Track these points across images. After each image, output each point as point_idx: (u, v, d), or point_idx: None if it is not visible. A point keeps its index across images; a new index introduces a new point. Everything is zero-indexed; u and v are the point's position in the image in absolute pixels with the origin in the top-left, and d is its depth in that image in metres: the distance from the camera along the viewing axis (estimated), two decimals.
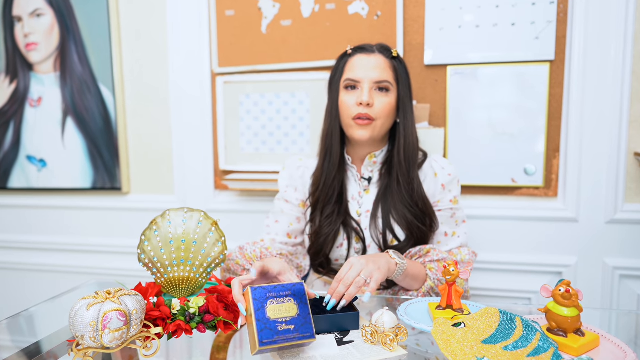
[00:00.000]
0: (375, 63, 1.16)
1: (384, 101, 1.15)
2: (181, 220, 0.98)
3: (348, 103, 1.16)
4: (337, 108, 1.19)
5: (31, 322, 1.07)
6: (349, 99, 1.16)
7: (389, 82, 1.16)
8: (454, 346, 0.76)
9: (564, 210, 1.53)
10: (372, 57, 1.17)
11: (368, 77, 1.15)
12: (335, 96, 1.20)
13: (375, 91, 1.15)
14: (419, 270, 1.09)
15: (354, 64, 1.17)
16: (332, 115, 1.20)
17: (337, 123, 1.20)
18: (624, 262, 1.51)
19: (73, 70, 1.84)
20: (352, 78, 1.16)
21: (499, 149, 1.54)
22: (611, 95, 1.45)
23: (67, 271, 1.97)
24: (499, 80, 1.51)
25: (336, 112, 1.20)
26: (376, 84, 1.15)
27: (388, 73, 1.16)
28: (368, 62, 1.16)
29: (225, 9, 1.66)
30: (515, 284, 1.60)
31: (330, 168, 1.20)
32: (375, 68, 1.15)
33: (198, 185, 1.80)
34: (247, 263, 1.15)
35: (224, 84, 1.70)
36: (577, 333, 0.77)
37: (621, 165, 1.47)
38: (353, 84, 1.17)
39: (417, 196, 1.17)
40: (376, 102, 1.15)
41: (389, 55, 1.19)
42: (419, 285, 1.11)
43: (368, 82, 1.15)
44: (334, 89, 1.21)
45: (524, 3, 1.47)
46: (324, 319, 0.88)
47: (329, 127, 1.21)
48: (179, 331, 0.88)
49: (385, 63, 1.17)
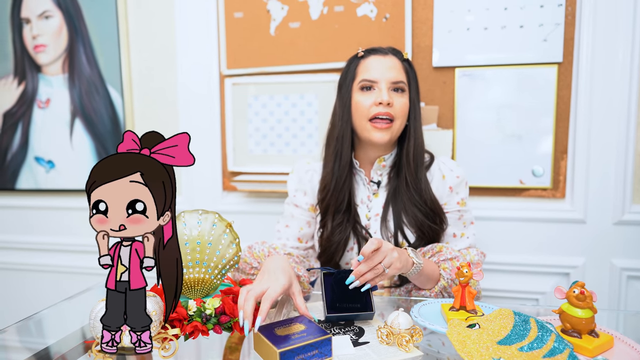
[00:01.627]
0: (391, 64, 1.17)
1: (401, 101, 1.17)
2: (196, 222, 0.99)
3: (364, 104, 1.16)
4: (349, 111, 1.19)
5: (45, 324, 1.08)
6: (365, 100, 1.16)
7: (404, 83, 1.17)
8: (470, 347, 0.76)
9: (571, 211, 1.54)
10: (387, 58, 1.18)
11: (385, 77, 1.15)
12: (347, 99, 1.19)
13: (391, 91, 1.16)
14: (432, 270, 1.10)
15: (369, 65, 1.18)
16: (343, 119, 1.20)
17: (349, 126, 1.20)
18: (631, 263, 1.51)
19: (81, 72, 1.85)
20: (369, 79, 1.16)
21: (506, 150, 1.55)
22: (618, 97, 1.46)
23: (75, 272, 1.98)
24: (507, 82, 1.52)
25: (347, 116, 1.19)
26: (393, 84, 1.16)
27: (402, 74, 1.18)
28: (384, 63, 1.17)
29: (234, 11, 1.67)
30: (522, 285, 1.61)
31: (340, 172, 1.19)
32: (391, 68, 1.16)
33: (206, 186, 1.81)
34: (255, 261, 1.15)
35: (233, 86, 1.71)
36: (591, 334, 0.78)
37: (629, 166, 1.48)
38: (369, 84, 1.17)
39: (426, 195, 1.18)
40: (395, 101, 1.16)
41: (401, 57, 1.21)
42: (432, 284, 1.12)
43: (385, 82, 1.15)
44: (345, 91, 1.20)
45: (532, 5, 1.47)
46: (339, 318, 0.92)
47: (340, 130, 1.20)
48: (195, 332, 0.88)
49: (399, 64, 1.19)
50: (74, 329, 1.01)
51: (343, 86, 1.22)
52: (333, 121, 1.24)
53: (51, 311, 1.10)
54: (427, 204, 1.17)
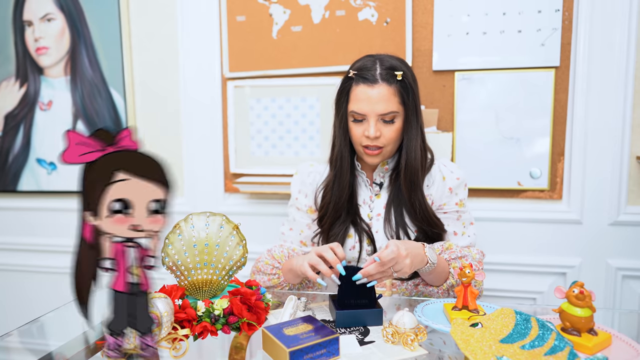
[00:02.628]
0: (379, 96, 1.13)
1: (390, 129, 1.16)
2: (204, 224, 1.01)
3: (357, 133, 1.18)
4: (346, 130, 1.21)
5: (49, 327, 1.09)
6: (357, 130, 1.18)
7: (394, 112, 1.15)
8: (474, 346, 0.79)
9: (568, 212, 1.57)
10: (375, 88, 1.13)
11: (373, 111, 1.14)
12: (343, 118, 1.21)
13: (380, 123, 1.15)
14: (443, 268, 1.14)
15: (358, 96, 1.15)
16: (340, 139, 1.22)
17: (347, 147, 1.23)
18: (626, 263, 1.55)
19: (84, 74, 1.86)
20: (358, 112, 1.16)
21: (505, 152, 1.58)
22: (614, 100, 1.49)
23: None
24: (505, 86, 1.55)
25: (345, 137, 1.22)
26: (382, 116, 1.15)
27: (393, 102, 1.14)
28: (372, 95, 1.14)
29: (236, 14, 1.69)
30: (520, 285, 1.64)
31: (342, 177, 1.23)
32: (379, 101, 1.13)
33: (208, 188, 1.82)
34: (276, 262, 1.23)
35: (235, 89, 1.73)
36: (590, 332, 0.81)
37: (624, 168, 1.51)
38: (359, 117, 1.17)
39: (421, 215, 1.20)
40: (383, 131, 1.16)
41: (394, 80, 1.14)
42: (441, 282, 1.16)
43: (374, 116, 1.14)
44: (341, 111, 1.21)
45: (530, 11, 1.50)
46: (349, 314, 0.94)
47: (339, 147, 1.22)
48: (204, 332, 0.90)
49: (389, 92, 1.14)
50: (78, 332, 1.03)
51: (339, 105, 1.22)
52: (334, 134, 1.26)
53: (55, 314, 1.11)
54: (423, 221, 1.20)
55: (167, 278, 1.86)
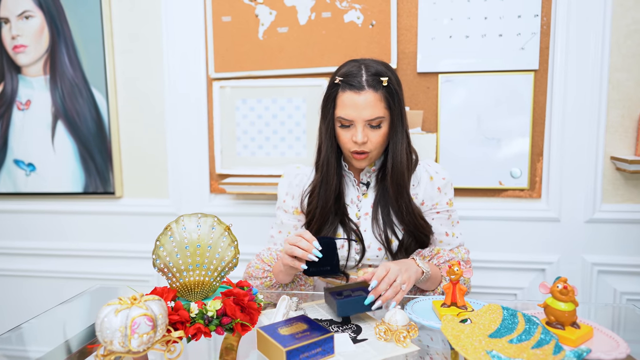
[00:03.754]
0: (365, 102, 1.15)
1: (377, 134, 1.18)
2: (195, 225, 1.00)
3: (345, 139, 1.20)
4: (333, 135, 1.23)
5: (41, 330, 1.07)
6: (345, 135, 1.19)
7: (380, 118, 1.16)
8: (464, 341, 0.81)
9: (547, 210, 1.62)
10: (362, 95, 1.15)
11: (360, 117, 1.15)
12: (330, 123, 1.22)
13: (367, 128, 1.17)
14: (436, 273, 1.18)
15: (344, 102, 1.17)
16: (327, 144, 1.23)
17: (334, 153, 1.24)
18: (601, 259, 1.61)
19: (64, 73, 1.82)
20: (345, 117, 1.17)
21: (487, 153, 1.62)
22: (589, 103, 1.55)
23: (58, 277, 1.95)
24: (487, 88, 1.59)
25: (332, 142, 1.23)
26: (368, 121, 1.16)
27: (379, 107, 1.16)
28: (358, 101, 1.15)
29: (222, 15, 1.68)
30: (502, 281, 1.69)
31: (328, 182, 1.24)
32: (365, 107, 1.15)
33: (193, 189, 1.81)
34: (266, 265, 1.24)
35: (220, 89, 1.72)
36: (573, 326, 0.84)
37: (599, 168, 1.58)
38: (347, 123, 1.18)
39: (408, 218, 1.22)
40: (370, 136, 1.17)
41: (380, 86, 1.15)
42: (435, 286, 1.19)
43: (361, 122, 1.16)
44: (327, 116, 1.22)
45: (511, 15, 1.55)
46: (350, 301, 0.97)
47: (326, 152, 1.24)
48: (198, 334, 0.90)
49: (375, 97, 1.15)
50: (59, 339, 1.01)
51: (325, 110, 1.23)
52: (320, 139, 1.27)
53: (39, 319, 1.09)
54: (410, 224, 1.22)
55: (137, 280, 1.85)
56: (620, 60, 1.53)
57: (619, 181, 1.58)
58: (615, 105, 1.55)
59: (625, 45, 1.52)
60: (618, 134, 1.56)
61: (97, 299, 1.24)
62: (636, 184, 1.58)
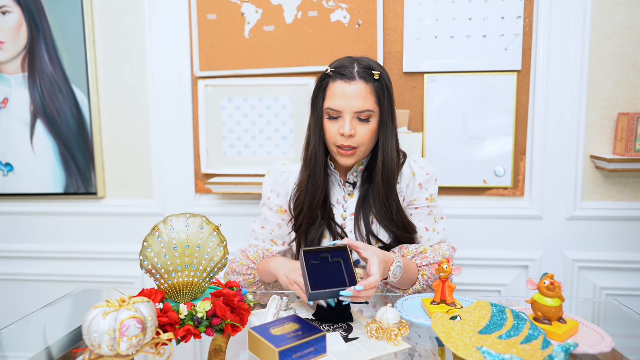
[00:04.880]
0: (356, 92, 1.13)
1: (366, 129, 1.16)
2: (184, 225, 0.99)
3: (331, 132, 1.17)
4: (321, 128, 1.20)
5: (22, 335, 1.04)
6: (331, 128, 1.17)
7: (370, 111, 1.15)
8: (455, 338, 0.82)
9: (530, 208, 1.66)
10: (353, 85, 1.13)
11: (349, 108, 1.13)
12: (319, 116, 1.20)
13: (356, 121, 1.15)
14: (411, 276, 1.16)
15: (335, 92, 1.15)
16: (316, 139, 1.21)
17: (322, 147, 1.21)
18: (582, 255, 1.66)
19: (43, 71, 1.77)
20: (334, 108, 1.15)
21: (472, 152, 1.64)
22: (570, 103, 1.59)
23: (39, 280, 1.89)
24: (472, 88, 1.62)
25: (319, 132, 1.20)
26: (357, 114, 1.14)
27: (369, 100, 1.14)
28: (349, 91, 1.13)
29: (207, 13, 1.66)
30: (486, 278, 1.72)
31: (316, 177, 1.22)
32: (356, 98, 1.13)
33: (178, 189, 1.79)
34: (251, 262, 1.22)
35: (206, 88, 1.70)
36: (559, 321, 0.86)
37: (579, 167, 1.62)
38: (335, 114, 1.16)
39: (397, 218, 1.21)
40: (358, 130, 1.15)
41: (371, 79, 1.14)
42: (408, 287, 1.19)
43: (349, 113, 1.14)
44: (317, 109, 1.20)
45: (494, 17, 1.57)
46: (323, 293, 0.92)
47: (314, 146, 1.21)
48: (188, 336, 0.89)
49: (367, 90, 1.14)
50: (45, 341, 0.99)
51: (315, 103, 1.21)
52: (309, 133, 1.25)
53: (20, 324, 1.06)
54: (398, 226, 1.22)
55: (122, 282, 1.82)
56: (599, 61, 1.57)
57: (599, 179, 1.63)
58: (595, 105, 1.59)
59: (604, 47, 1.56)
60: (598, 133, 1.61)
61: (81, 302, 1.21)
62: (615, 182, 1.62)
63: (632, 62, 1.56)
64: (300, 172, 1.27)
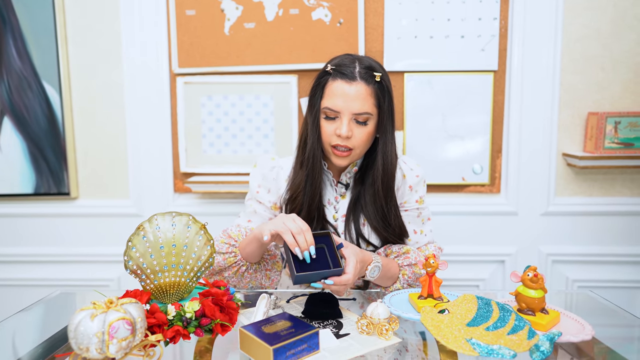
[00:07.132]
0: (356, 93, 1.10)
1: (363, 132, 1.13)
2: (170, 224, 0.97)
3: (328, 131, 1.15)
4: (318, 127, 1.17)
5: None
6: (328, 128, 1.15)
7: (368, 114, 1.11)
8: (444, 331, 0.84)
9: (506, 204, 1.71)
10: (353, 85, 1.10)
11: (348, 109, 1.10)
12: (316, 114, 1.17)
13: (353, 122, 1.13)
14: (389, 277, 1.17)
15: (334, 91, 1.12)
16: (313, 135, 1.17)
17: (320, 146, 1.19)
18: (555, 249, 1.72)
19: (11, 66, 1.69)
20: (332, 108, 1.12)
21: (450, 150, 1.68)
22: (543, 103, 1.65)
23: (12, 284, 1.81)
24: (450, 87, 1.65)
25: (316, 131, 1.17)
26: (355, 115, 1.12)
27: (369, 102, 1.11)
28: (349, 92, 1.10)
29: (186, 8, 1.63)
30: (464, 273, 1.76)
31: (314, 178, 1.19)
32: (355, 99, 1.10)
33: (156, 188, 1.75)
34: (232, 240, 1.16)
35: (184, 85, 1.67)
36: (542, 312, 0.89)
37: (552, 163, 1.68)
38: (332, 114, 1.13)
39: (395, 222, 1.20)
40: (355, 132, 1.13)
41: (372, 80, 1.11)
42: (388, 285, 1.20)
43: (348, 114, 1.11)
44: (315, 106, 1.17)
45: (472, 18, 1.61)
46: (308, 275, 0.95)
47: (312, 146, 1.18)
48: (177, 337, 0.87)
49: (367, 91, 1.10)
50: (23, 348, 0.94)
51: (313, 100, 1.18)
52: (304, 131, 1.22)
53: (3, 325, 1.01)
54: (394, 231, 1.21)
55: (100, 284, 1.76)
56: (570, 63, 1.64)
57: (570, 176, 1.69)
58: (566, 105, 1.66)
59: (575, 49, 1.63)
60: (569, 132, 1.67)
61: (57, 306, 1.17)
62: (585, 178, 1.69)
63: (601, 64, 1.63)
64: (293, 169, 1.23)
